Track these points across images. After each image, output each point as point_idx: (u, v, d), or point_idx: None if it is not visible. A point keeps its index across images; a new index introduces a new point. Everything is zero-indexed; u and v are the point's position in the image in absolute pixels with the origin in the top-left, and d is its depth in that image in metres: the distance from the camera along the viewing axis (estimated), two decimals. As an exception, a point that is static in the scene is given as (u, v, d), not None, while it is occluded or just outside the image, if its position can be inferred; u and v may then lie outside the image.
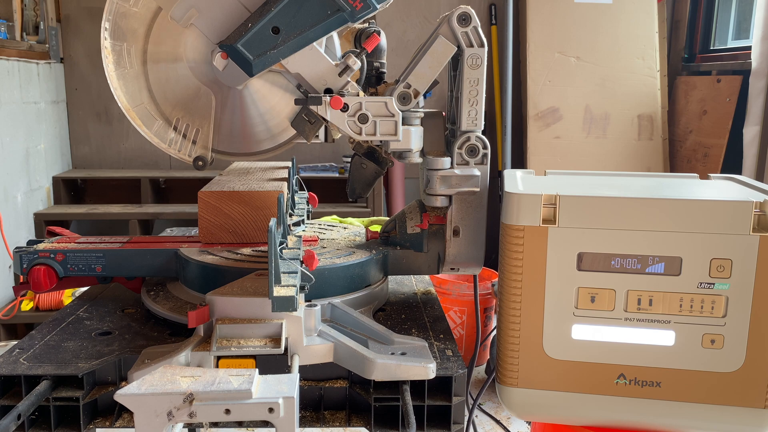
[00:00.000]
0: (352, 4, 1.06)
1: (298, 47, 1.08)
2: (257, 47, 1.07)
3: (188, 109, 1.19)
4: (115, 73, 1.15)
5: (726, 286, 0.96)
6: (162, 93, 1.18)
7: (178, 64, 1.16)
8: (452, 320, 3.23)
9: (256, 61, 1.08)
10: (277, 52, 1.08)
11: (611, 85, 4.01)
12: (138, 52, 1.15)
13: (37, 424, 0.95)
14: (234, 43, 1.07)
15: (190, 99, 1.18)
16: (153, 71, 1.17)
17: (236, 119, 1.20)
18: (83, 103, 4.35)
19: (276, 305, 0.89)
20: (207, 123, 1.18)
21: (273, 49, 1.07)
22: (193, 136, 1.19)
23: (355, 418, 1.01)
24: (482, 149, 1.16)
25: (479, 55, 1.12)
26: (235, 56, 1.07)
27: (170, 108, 1.19)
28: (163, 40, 1.15)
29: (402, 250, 1.25)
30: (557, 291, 1.00)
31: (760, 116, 3.35)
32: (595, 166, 3.95)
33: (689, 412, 1.01)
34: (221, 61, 1.08)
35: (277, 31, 1.07)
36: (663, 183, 1.14)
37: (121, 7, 1.12)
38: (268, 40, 1.07)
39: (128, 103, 1.17)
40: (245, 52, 1.07)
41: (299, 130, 1.14)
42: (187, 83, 1.17)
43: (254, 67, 1.08)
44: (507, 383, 1.05)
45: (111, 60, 1.14)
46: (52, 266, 1.17)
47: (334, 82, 1.12)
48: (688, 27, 4.25)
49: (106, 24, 1.13)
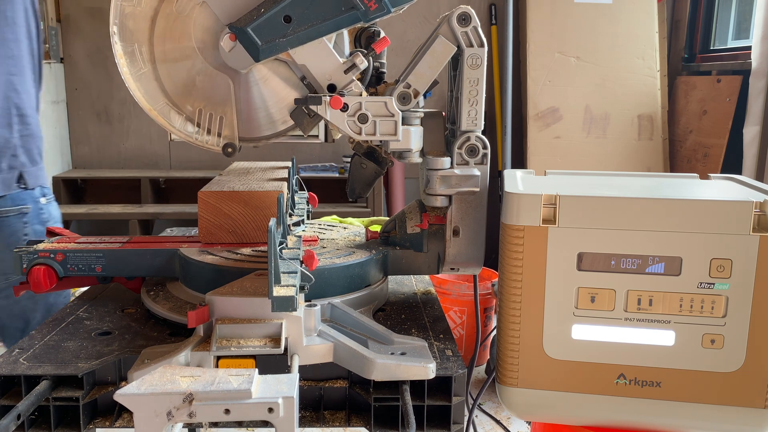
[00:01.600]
0: (367, 4, 1.06)
1: (308, 39, 1.08)
2: (267, 33, 1.07)
3: (208, 98, 1.17)
4: (131, 75, 1.14)
5: (726, 286, 0.96)
6: (178, 87, 1.16)
7: (189, 54, 1.15)
8: (452, 320, 3.23)
9: (264, 46, 1.08)
10: (286, 41, 1.08)
11: (611, 85, 4.01)
12: (148, 50, 1.14)
13: (37, 424, 0.95)
14: (244, 26, 1.07)
15: (207, 88, 1.17)
16: (165, 67, 1.15)
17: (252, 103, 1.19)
18: (83, 103, 4.35)
19: (276, 305, 0.89)
20: (229, 109, 1.17)
21: (282, 37, 1.07)
22: (217, 125, 1.17)
23: (354, 418, 1.01)
24: (482, 149, 1.16)
25: (479, 55, 1.12)
26: (243, 39, 1.07)
27: (190, 100, 1.17)
28: (171, 33, 1.13)
29: (402, 250, 1.25)
30: (557, 291, 1.00)
31: (760, 116, 3.35)
32: (595, 166, 3.96)
33: (689, 412, 1.01)
34: (229, 42, 1.08)
35: (289, 20, 1.07)
36: (663, 183, 1.14)
37: (126, 8, 1.12)
38: (279, 27, 1.07)
39: (148, 103, 1.16)
40: (254, 36, 1.07)
41: (297, 123, 1.13)
42: (201, 72, 1.16)
43: (261, 53, 1.08)
44: (507, 383, 1.05)
45: (125, 63, 1.13)
46: (52, 266, 1.17)
47: (338, 79, 1.12)
48: (688, 27, 4.25)
49: (114, 28, 1.12)
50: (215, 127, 1.18)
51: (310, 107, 1.10)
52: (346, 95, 1.11)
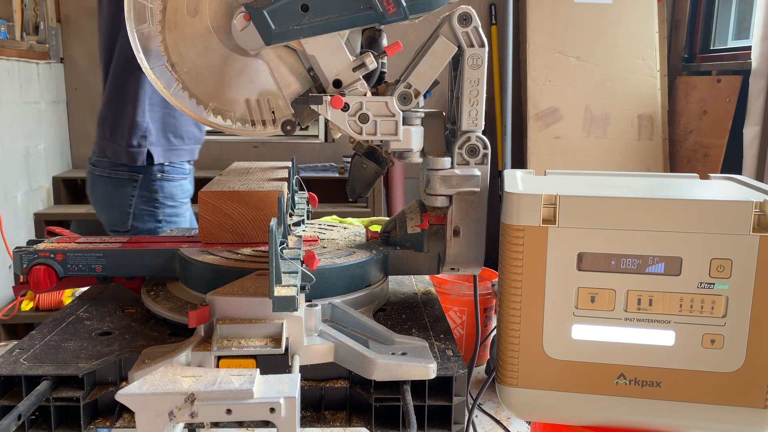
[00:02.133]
0: (386, 6, 1.06)
1: (322, 31, 1.08)
2: (282, 18, 1.07)
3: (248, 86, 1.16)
4: (171, 95, 1.13)
5: (726, 286, 0.96)
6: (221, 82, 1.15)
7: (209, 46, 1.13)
8: (452, 320, 3.23)
9: (277, 31, 1.07)
10: (300, 29, 1.07)
11: (611, 85, 4.01)
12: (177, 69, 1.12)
13: (38, 424, 0.95)
14: (261, 7, 1.06)
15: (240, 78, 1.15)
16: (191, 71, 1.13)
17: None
18: (83, 103, 4.35)
19: (277, 305, 0.89)
20: (271, 90, 1.15)
21: (297, 25, 1.07)
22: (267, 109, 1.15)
23: (355, 418, 1.01)
24: (482, 149, 1.16)
25: (480, 55, 1.12)
26: (258, 20, 1.07)
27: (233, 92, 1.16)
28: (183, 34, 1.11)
29: (402, 250, 1.25)
30: (557, 291, 1.00)
31: (760, 116, 3.35)
32: (595, 166, 3.96)
33: (689, 412, 1.01)
34: (243, 21, 1.07)
35: (306, 9, 1.07)
36: (663, 183, 1.14)
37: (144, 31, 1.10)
38: (295, 15, 1.07)
39: (197, 114, 1.15)
40: (269, 19, 1.06)
41: (297, 113, 1.13)
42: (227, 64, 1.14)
43: (274, 37, 1.07)
44: (507, 383, 1.05)
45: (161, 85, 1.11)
46: (52, 266, 1.17)
47: (346, 76, 1.11)
48: (688, 27, 4.25)
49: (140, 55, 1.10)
50: (267, 113, 1.16)
51: (310, 106, 1.10)
52: (349, 94, 1.11)
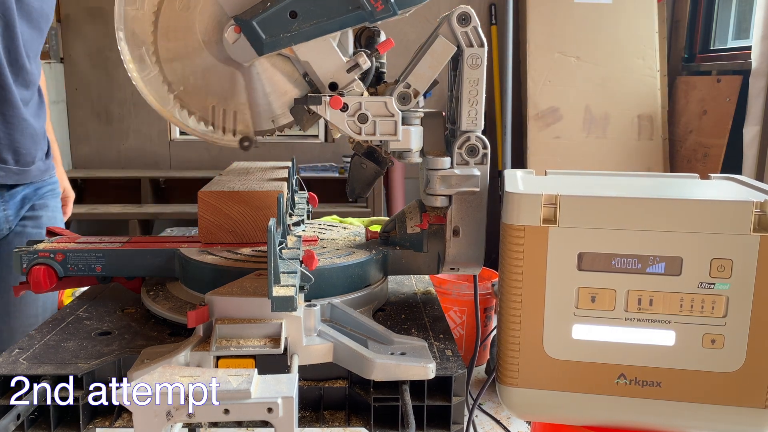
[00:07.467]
0: (374, 4, 1.06)
1: (312, 36, 1.08)
2: (272, 28, 1.07)
3: (218, 95, 1.16)
4: (141, 80, 1.14)
5: (726, 286, 0.96)
6: (188, 86, 1.16)
7: (195, 50, 1.14)
8: (452, 320, 3.23)
9: (268, 41, 1.07)
10: (290, 37, 1.08)
11: (611, 85, 4.01)
12: (155, 51, 1.13)
13: (37, 424, 0.95)
14: (250, 18, 1.06)
15: (216, 85, 1.16)
16: (172, 66, 1.15)
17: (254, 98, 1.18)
18: (83, 103, 4.35)
19: (275, 305, 0.89)
20: (241, 104, 1.16)
21: (287, 32, 1.07)
22: (231, 120, 1.16)
23: (354, 418, 1.01)
24: (482, 149, 1.16)
25: (479, 55, 1.12)
26: (248, 32, 1.07)
27: (201, 99, 1.17)
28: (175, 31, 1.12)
29: (402, 250, 1.25)
30: (557, 291, 1.00)
31: (760, 116, 3.35)
32: (595, 166, 3.95)
33: (689, 412, 1.01)
34: (233, 34, 1.07)
35: (295, 15, 1.07)
36: (663, 183, 1.14)
37: (130, 12, 1.11)
38: (284, 22, 1.07)
39: (161, 105, 1.16)
40: (259, 30, 1.07)
41: (297, 119, 1.13)
42: (208, 69, 1.15)
43: (265, 47, 1.08)
44: (507, 383, 1.05)
45: (134, 68, 1.13)
46: (52, 266, 1.17)
47: (341, 78, 1.11)
48: (688, 27, 4.25)
49: (120, 33, 1.11)
50: (230, 123, 1.17)
51: (309, 107, 1.10)
52: (347, 95, 1.11)
